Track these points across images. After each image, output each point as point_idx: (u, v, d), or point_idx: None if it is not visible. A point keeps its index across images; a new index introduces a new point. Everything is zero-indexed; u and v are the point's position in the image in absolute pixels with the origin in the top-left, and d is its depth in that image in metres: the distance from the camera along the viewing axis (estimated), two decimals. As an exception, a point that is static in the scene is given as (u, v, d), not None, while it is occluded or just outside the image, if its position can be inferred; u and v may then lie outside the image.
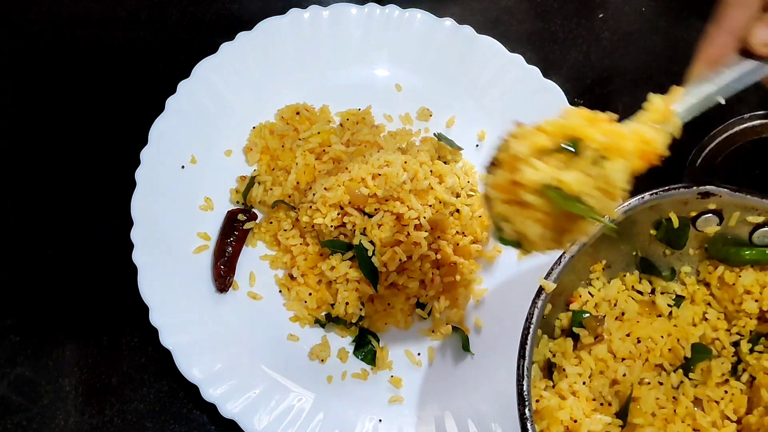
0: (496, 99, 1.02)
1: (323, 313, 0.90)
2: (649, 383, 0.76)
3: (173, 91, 0.95)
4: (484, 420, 0.86)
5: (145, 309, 0.84)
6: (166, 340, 0.84)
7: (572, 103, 1.01)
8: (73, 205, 0.96)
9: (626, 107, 1.09)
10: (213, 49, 0.99)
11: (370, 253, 0.87)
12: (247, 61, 1.00)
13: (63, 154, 0.99)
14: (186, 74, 0.96)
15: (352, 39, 1.04)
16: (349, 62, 1.03)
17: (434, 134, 1.00)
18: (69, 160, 0.99)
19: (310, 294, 0.90)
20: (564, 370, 0.75)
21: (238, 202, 0.95)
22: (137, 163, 0.91)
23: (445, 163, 0.97)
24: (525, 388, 0.67)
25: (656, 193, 0.75)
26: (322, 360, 0.88)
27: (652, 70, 1.12)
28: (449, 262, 0.91)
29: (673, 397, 0.75)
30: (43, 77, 1.04)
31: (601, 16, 1.16)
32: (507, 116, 1.01)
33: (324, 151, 0.95)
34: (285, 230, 0.92)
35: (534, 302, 0.72)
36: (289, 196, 0.93)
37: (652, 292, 0.82)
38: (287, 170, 0.95)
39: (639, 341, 0.77)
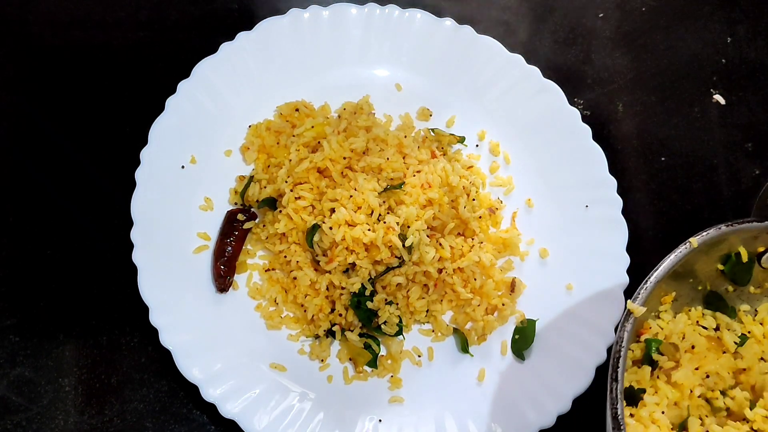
0: (496, 99, 1.02)
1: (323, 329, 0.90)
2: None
3: (173, 91, 0.95)
4: (484, 420, 0.86)
5: (145, 309, 0.84)
6: (166, 340, 0.84)
7: (572, 103, 1.01)
8: (73, 205, 0.96)
9: (626, 107, 1.10)
10: (213, 49, 0.98)
11: (367, 293, 0.89)
12: (247, 61, 1.00)
13: (63, 154, 0.99)
14: (186, 74, 0.96)
15: (352, 39, 1.04)
16: (349, 62, 1.03)
17: (431, 130, 1.00)
18: (69, 160, 0.99)
19: (306, 296, 0.89)
20: (643, 398, 0.75)
21: (236, 204, 0.95)
22: (137, 163, 0.91)
23: (444, 155, 0.97)
24: (619, 411, 0.68)
25: (731, 224, 0.78)
26: (322, 360, 0.88)
27: (652, 70, 1.12)
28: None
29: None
30: (43, 78, 1.04)
31: (601, 16, 1.16)
32: (507, 116, 1.02)
33: (319, 143, 0.94)
34: (270, 233, 0.92)
35: (623, 326, 0.74)
36: (281, 195, 0.92)
37: (717, 328, 0.83)
38: (281, 166, 0.94)
39: (708, 376, 0.78)
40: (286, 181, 0.91)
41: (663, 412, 0.75)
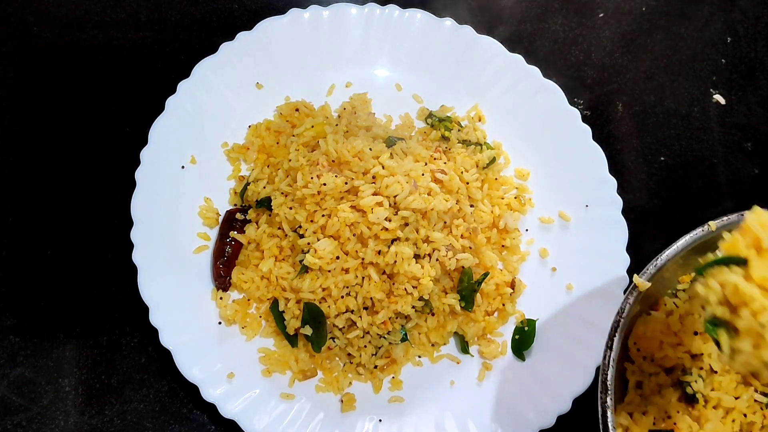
0: (496, 99, 1.02)
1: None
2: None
3: (173, 91, 0.95)
4: (484, 420, 0.86)
5: (145, 309, 0.84)
6: (166, 340, 0.84)
7: (572, 103, 1.01)
8: (73, 205, 0.96)
9: (626, 107, 1.10)
10: (213, 49, 0.98)
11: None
12: (247, 61, 1.00)
13: (63, 154, 0.99)
14: (186, 74, 0.96)
15: (352, 39, 1.04)
16: (349, 62, 1.03)
17: (428, 116, 1.01)
18: (69, 160, 0.99)
19: (298, 302, 0.88)
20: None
21: (235, 205, 0.95)
22: (137, 163, 0.91)
23: (444, 137, 0.98)
24: (609, 377, 0.71)
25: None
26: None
27: (652, 70, 1.12)
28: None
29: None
30: (43, 78, 1.04)
31: (601, 15, 1.16)
32: (507, 116, 1.02)
33: (318, 143, 0.93)
34: (265, 234, 0.91)
35: (626, 298, 0.74)
36: (283, 194, 0.91)
37: None
38: (280, 166, 0.94)
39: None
40: (283, 193, 0.90)
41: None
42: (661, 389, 0.79)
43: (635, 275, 0.75)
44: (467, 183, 0.93)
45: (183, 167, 0.94)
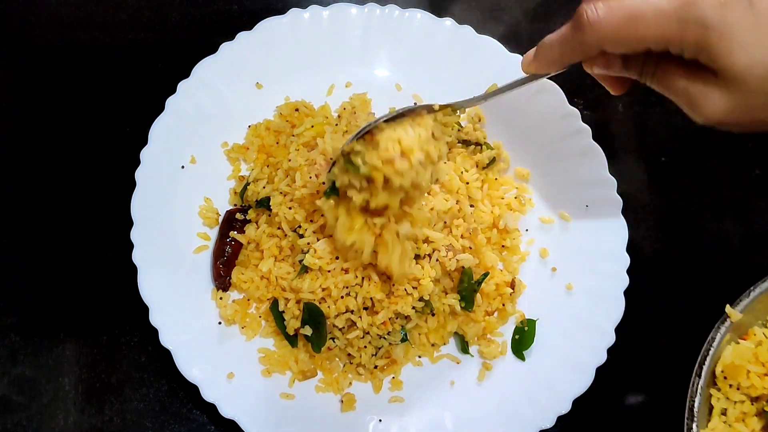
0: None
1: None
2: None
3: (173, 91, 0.95)
4: (483, 420, 0.86)
5: (145, 309, 0.85)
6: (166, 339, 0.84)
7: (572, 103, 1.01)
8: (74, 205, 0.96)
9: (626, 107, 1.09)
10: (213, 49, 0.98)
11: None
12: (247, 61, 1.00)
13: (63, 154, 0.99)
14: (186, 74, 0.96)
15: (352, 39, 1.04)
16: (349, 62, 1.03)
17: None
18: (69, 160, 0.99)
19: (298, 302, 0.88)
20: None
21: (235, 205, 0.95)
22: (137, 163, 0.91)
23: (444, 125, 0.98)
24: (696, 404, 0.75)
25: None
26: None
27: (653, 70, 1.12)
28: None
29: None
30: (44, 79, 1.04)
31: (601, 16, 1.16)
32: (507, 116, 1.02)
33: (317, 143, 0.93)
34: (264, 234, 0.91)
35: (717, 327, 0.78)
36: (282, 193, 0.91)
37: None
38: (280, 166, 0.94)
39: None
40: (282, 193, 0.90)
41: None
42: (745, 418, 0.80)
43: (728, 306, 0.78)
44: (467, 183, 0.93)
45: (183, 167, 0.94)
